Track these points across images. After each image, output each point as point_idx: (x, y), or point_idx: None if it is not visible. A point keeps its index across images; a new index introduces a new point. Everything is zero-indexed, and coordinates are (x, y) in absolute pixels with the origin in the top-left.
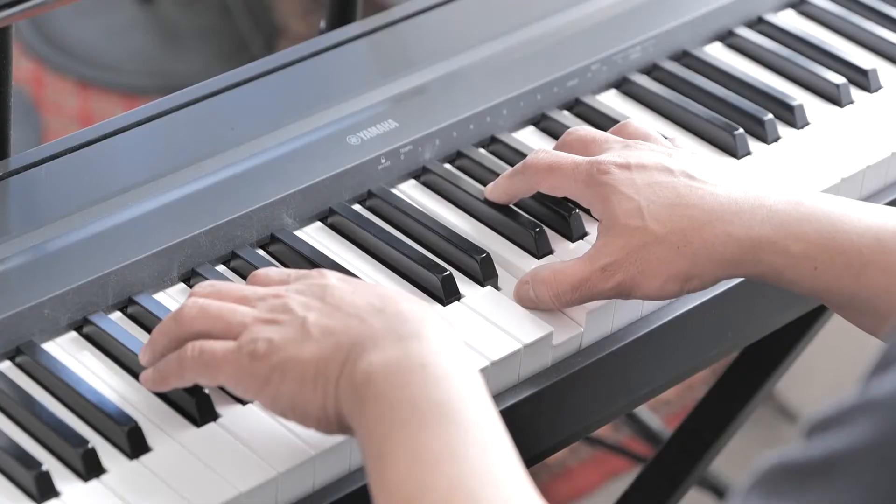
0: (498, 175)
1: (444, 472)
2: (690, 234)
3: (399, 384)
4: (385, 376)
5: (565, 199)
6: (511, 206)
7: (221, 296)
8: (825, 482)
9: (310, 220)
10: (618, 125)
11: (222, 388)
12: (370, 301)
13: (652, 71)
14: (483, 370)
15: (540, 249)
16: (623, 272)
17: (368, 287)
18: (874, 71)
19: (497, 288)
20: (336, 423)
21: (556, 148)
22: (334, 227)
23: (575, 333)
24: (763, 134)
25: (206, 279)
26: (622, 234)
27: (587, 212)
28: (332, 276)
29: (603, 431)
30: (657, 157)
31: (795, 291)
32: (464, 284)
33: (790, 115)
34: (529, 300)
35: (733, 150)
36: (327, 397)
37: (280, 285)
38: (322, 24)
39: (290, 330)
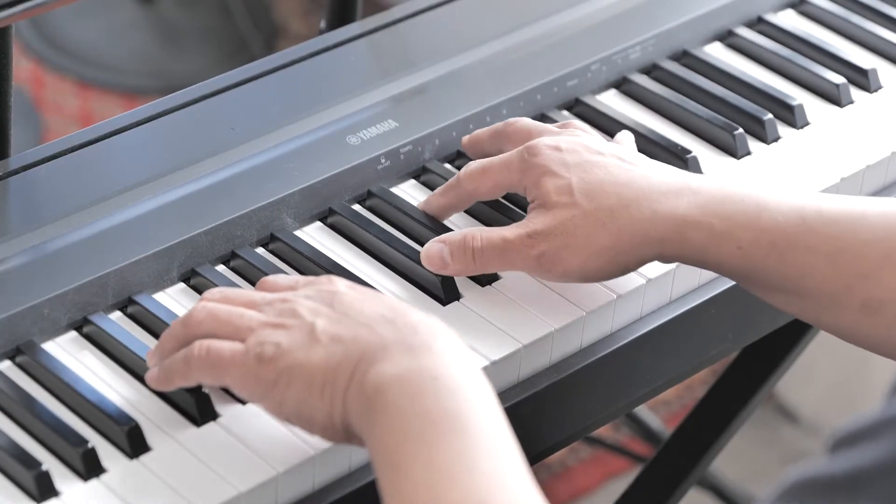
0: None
1: (457, 481)
2: (617, 211)
3: (411, 395)
4: (397, 387)
5: None
6: (510, 206)
7: (230, 300)
8: (850, 497)
9: (310, 220)
10: (561, 123)
11: (221, 387)
12: (380, 311)
13: (652, 71)
14: (483, 370)
15: None
16: (549, 242)
17: (377, 297)
18: (874, 71)
19: (497, 288)
20: (342, 432)
21: (494, 136)
22: (334, 227)
23: (575, 333)
24: (763, 134)
25: (206, 279)
26: (552, 209)
27: None
28: (340, 284)
29: (603, 431)
30: (588, 140)
31: (722, 274)
32: (464, 284)
33: (790, 115)
34: (440, 259)
35: (733, 150)
36: (334, 406)
37: (289, 291)
38: (322, 24)
39: (297, 335)
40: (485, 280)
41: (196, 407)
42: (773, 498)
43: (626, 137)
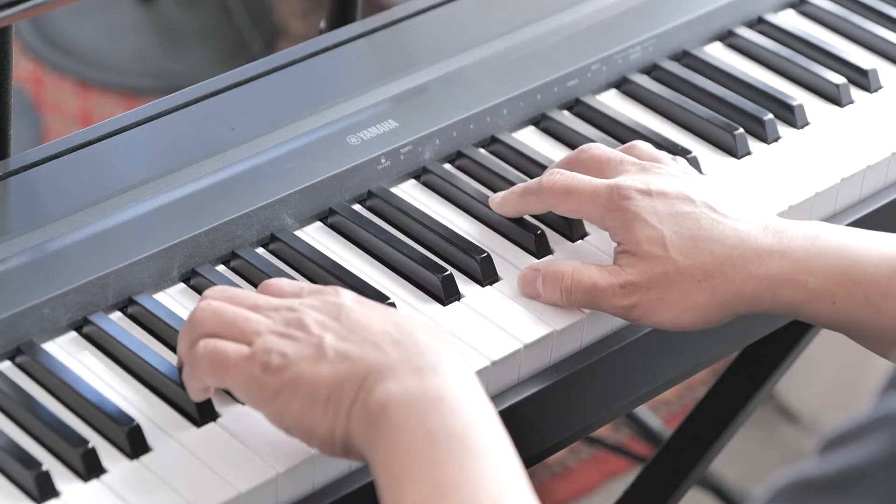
0: (497, 175)
1: (461, 499)
2: (711, 269)
3: (416, 415)
4: (402, 407)
5: None
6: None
7: (235, 301)
8: (843, 497)
9: (310, 220)
10: (627, 145)
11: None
12: (386, 329)
13: (652, 71)
14: (483, 370)
15: (539, 250)
16: (641, 295)
17: (384, 312)
18: (874, 71)
19: (497, 288)
20: (341, 447)
21: (568, 165)
22: (334, 227)
23: (575, 333)
24: (763, 134)
25: (206, 279)
26: (645, 260)
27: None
28: (346, 296)
29: (603, 431)
30: (677, 185)
31: (816, 324)
32: (464, 284)
33: (790, 115)
34: (533, 289)
35: (733, 150)
36: (337, 421)
37: (293, 298)
38: (322, 24)
39: (305, 347)
40: (485, 280)
41: (196, 407)
42: (763, 500)
43: (640, 149)
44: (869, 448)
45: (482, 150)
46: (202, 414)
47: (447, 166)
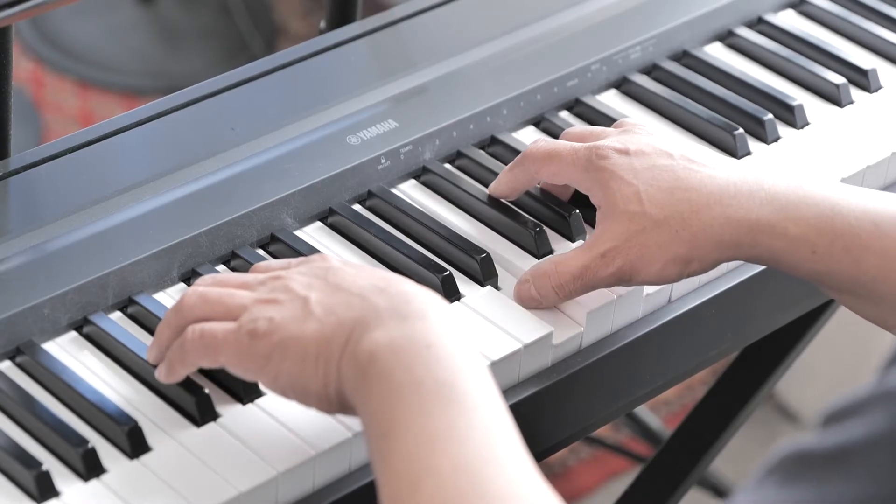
0: (497, 175)
1: (448, 452)
2: (689, 218)
3: (404, 363)
4: (389, 355)
5: (563, 201)
6: (511, 206)
7: (222, 283)
8: (841, 471)
9: (310, 220)
10: (615, 122)
11: (222, 388)
12: (373, 282)
13: (652, 71)
14: None
15: (540, 249)
16: (623, 257)
17: (371, 269)
18: (874, 71)
19: (497, 288)
20: (337, 402)
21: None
22: (334, 227)
23: (575, 333)
24: (763, 134)
25: None
26: (621, 220)
27: (589, 206)
28: (333, 260)
29: (603, 431)
30: (656, 142)
31: (794, 275)
32: (464, 284)
33: (790, 115)
34: (531, 298)
35: (733, 150)
36: (329, 375)
37: (281, 270)
38: (322, 24)
39: (290, 309)
40: (485, 280)
41: (196, 407)
42: (761, 473)
43: (629, 124)
44: (869, 424)
45: (482, 151)
46: (202, 414)
47: (447, 166)
